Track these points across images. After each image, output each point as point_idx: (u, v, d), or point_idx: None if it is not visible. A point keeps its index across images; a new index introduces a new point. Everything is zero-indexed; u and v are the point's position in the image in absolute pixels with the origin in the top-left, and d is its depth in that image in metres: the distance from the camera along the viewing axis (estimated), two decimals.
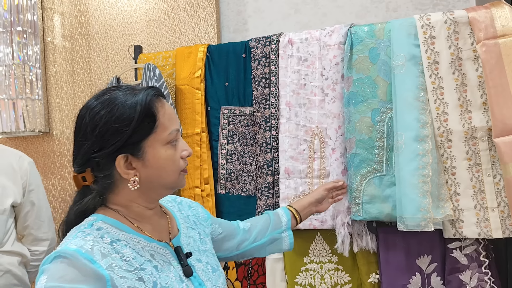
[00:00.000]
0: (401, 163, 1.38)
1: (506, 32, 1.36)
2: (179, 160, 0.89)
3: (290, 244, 1.27)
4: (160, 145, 0.86)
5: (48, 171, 2.37)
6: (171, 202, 1.07)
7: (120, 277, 0.77)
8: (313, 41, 1.60)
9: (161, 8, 2.21)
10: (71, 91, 2.35)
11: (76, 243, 0.77)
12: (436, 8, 1.92)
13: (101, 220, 0.84)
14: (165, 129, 0.86)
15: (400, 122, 1.40)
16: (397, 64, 1.43)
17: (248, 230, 1.21)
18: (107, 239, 0.81)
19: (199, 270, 0.93)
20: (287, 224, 1.26)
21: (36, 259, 1.68)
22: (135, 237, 0.86)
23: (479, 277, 1.41)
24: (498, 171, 1.36)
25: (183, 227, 0.99)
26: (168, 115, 0.88)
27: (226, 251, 1.16)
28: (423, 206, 1.34)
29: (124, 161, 0.84)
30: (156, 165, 0.86)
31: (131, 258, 0.81)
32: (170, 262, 0.88)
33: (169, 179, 0.88)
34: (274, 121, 1.63)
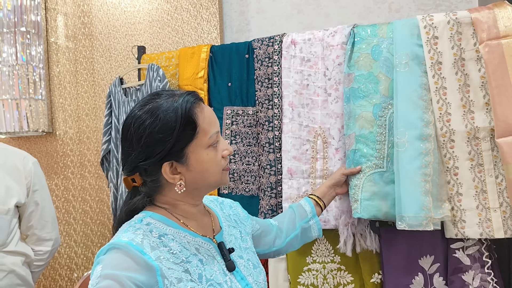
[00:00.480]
0: (404, 161, 1.37)
1: (509, 33, 1.36)
2: (221, 160, 0.93)
3: (318, 230, 1.31)
4: (202, 149, 0.90)
5: (51, 171, 2.38)
6: (213, 202, 1.12)
7: (168, 268, 0.82)
8: (316, 41, 1.60)
9: (164, 9, 2.22)
10: (74, 91, 2.36)
11: (127, 236, 0.83)
12: (438, 8, 1.92)
13: (149, 216, 0.90)
14: (205, 133, 0.90)
15: (403, 120, 1.40)
16: (400, 62, 1.43)
17: (279, 227, 1.26)
18: (155, 233, 0.86)
19: (241, 265, 0.97)
20: (312, 212, 1.31)
21: (40, 259, 1.69)
22: (181, 232, 0.91)
23: (482, 277, 1.41)
24: (500, 172, 1.36)
25: (225, 225, 1.04)
26: (208, 118, 0.91)
27: (264, 246, 1.22)
28: (425, 205, 1.33)
29: (169, 167, 0.89)
30: (199, 168, 0.90)
31: (178, 251, 0.86)
32: (214, 257, 0.93)
33: (212, 179, 0.93)
34: (277, 121, 1.63)
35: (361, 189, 1.43)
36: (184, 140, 0.88)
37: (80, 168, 2.35)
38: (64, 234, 2.36)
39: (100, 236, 2.32)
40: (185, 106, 0.87)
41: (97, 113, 2.32)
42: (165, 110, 0.87)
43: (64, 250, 2.36)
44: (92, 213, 2.34)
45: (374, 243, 1.51)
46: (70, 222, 2.36)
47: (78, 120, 2.35)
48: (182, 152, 0.88)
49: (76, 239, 2.35)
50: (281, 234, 1.25)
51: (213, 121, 0.92)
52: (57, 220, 1.80)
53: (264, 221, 1.24)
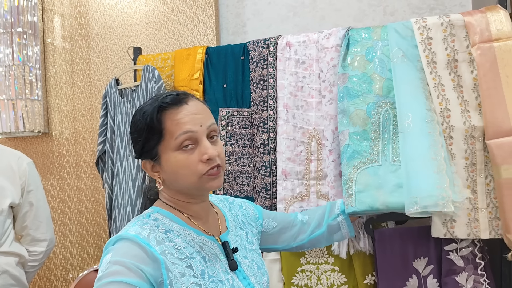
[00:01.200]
0: (411, 142, 1.34)
1: (501, 36, 1.37)
2: (197, 164, 0.90)
3: (348, 227, 1.30)
4: (171, 151, 0.90)
5: (47, 172, 2.38)
6: (223, 201, 1.13)
7: (172, 263, 0.85)
8: (311, 43, 1.61)
9: (161, 10, 2.23)
10: (71, 92, 2.36)
11: (135, 230, 0.87)
12: (432, 12, 1.93)
13: (157, 212, 0.94)
14: (172, 136, 0.90)
15: (405, 105, 1.38)
16: (397, 56, 1.44)
17: (307, 222, 1.27)
18: (162, 229, 0.90)
19: (245, 265, 0.99)
20: (340, 208, 1.31)
21: (34, 259, 1.69)
22: (186, 229, 0.93)
23: (475, 279, 1.42)
24: (490, 172, 1.37)
25: (232, 226, 1.06)
26: (177, 120, 0.90)
27: (283, 243, 1.23)
28: (440, 184, 1.25)
29: (150, 164, 0.94)
30: (169, 170, 0.92)
31: (182, 247, 0.89)
32: (217, 255, 0.95)
33: (185, 182, 0.92)
34: (272, 123, 1.64)
35: (355, 182, 1.40)
36: (152, 141, 0.91)
37: (75, 168, 2.35)
38: (60, 235, 2.36)
39: (95, 237, 2.32)
40: (151, 109, 0.91)
41: (93, 114, 2.33)
42: (140, 112, 0.93)
43: (59, 250, 2.36)
44: (88, 214, 2.34)
45: (367, 244, 1.52)
46: (65, 222, 2.36)
47: (74, 120, 2.35)
48: (153, 152, 0.92)
49: (72, 239, 2.35)
50: (307, 229, 1.26)
51: (183, 122, 0.90)
52: (52, 221, 1.80)
53: (285, 217, 1.26)
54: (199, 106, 0.94)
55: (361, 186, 1.38)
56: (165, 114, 0.90)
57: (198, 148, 0.90)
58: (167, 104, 0.91)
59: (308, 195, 1.58)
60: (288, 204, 1.58)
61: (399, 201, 1.33)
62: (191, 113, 0.91)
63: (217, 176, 0.92)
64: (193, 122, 0.90)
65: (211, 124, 0.93)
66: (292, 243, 1.24)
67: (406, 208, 1.28)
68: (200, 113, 0.93)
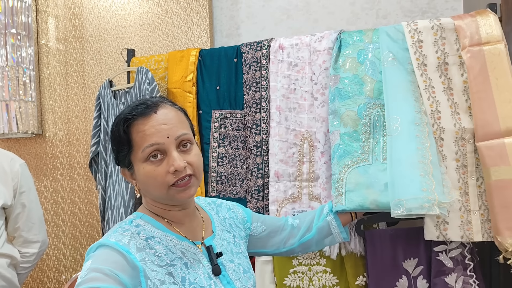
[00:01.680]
0: (398, 145, 1.35)
1: (490, 40, 1.39)
2: (165, 175, 0.89)
3: (338, 226, 1.27)
4: (139, 162, 0.90)
5: (41, 173, 2.38)
6: (210, 204, 1.12)
7: (151, 270, 0.84)
8: (303, 46, 1.62)
9: (155, 12, 2.23)
10: (65, 94, 2.36)
11: (115, 237, 0.86)
12: (425, 15, 1.95)
13: (140, 217, 0.94)
14: (138, 147, 0.89)
15: (394, 108, 1.39)
16: (387, 59, 1.45)
17: (297, 226, 1.25)
18: (143, 235, 0.89)
19: (230, 270, 0.98)
20: (328, 207, 1.30)
21: (27, 261, 1.69)
22: (168, 235, 0.93)
23: (464, 279, 1.43)
24: (481, 174, 1.38)
25: (218, 229, 1.05)
26: (142, 132, 0.89)
27: (272, 247, 1.22)
28: (425, 187, 1.25)
29: (127, 172, 0.95)
30: (140, 179, 0.92)
31: (163, 254, 0.89)
32: (200, 260, 0.94)
33: (155, 193, 0.92)
34: (265, 124, 1.65)
35: (345, 181, 1.39)
36: (123, 151, 0.91)
37: (69, 170, 2.35)
38: (53, 236, 2.35)
39: (88, 238, 2.32)
40: (119, 120, 0.92)
41: (87, 115, 2.33)
42: (114, 120, 0.95)
43: (52, 252, 2.35)
44: (81, 215, 2.33)
45: (358, 246, 1.53)
46: (58, 224, 2.36)
47: (68, 122, 2.35)
48: (127, 162, 0.92)
49: (65, 241, 2.35)
50: (297, 233, 1.24)
51: (148, 134, 0.88)
52: (45, 222, 1.80)
53: (275, 220, 1.24)
54: (169, 115, 0.92)
55: (352, 185, 1.38)
56: (132, 125, 0.90)
57: (166, 159, 0.89)
58: (133, 116, 0.90)
59: (300, 197, 1.59)
60: (281, 206, 1.59)
61: (388, 200, 1.33)
62: (158, 124, 0.89)
63: (187, 187, 0.91)
64: (160, 133, 0.89)
65: (181, 134, 0.91)
66: (282, 248, 1.23)
67: (391, 210, 1.28)
68: (169, 123, 0.90)
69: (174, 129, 0.90)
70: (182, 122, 0.94)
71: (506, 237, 1.29)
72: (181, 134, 0.91)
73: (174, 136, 0.90)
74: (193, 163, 0.92)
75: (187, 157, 0.91)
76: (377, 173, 1.38)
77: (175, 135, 0.90)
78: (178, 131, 0.91)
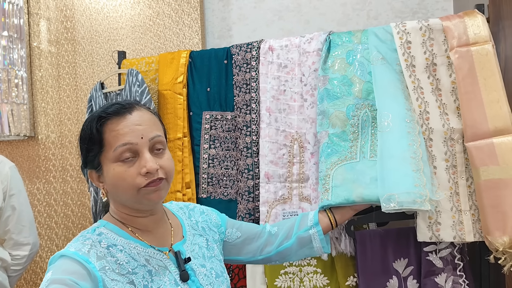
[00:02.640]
0: (390, 141, 1.34)
1: (478, 40, 1.39)
2: (135, 177, 0.87)
3: (321, 241, 1.22)
4: (110, 162, 0.89)
5: (33, 175, 2.38)
6: (182, 209, 1.10)
7: (111, 279, 0.83)
8: (293, 48, 1.63)
9: (147, 14, 2.23)
10: (57, 96, 2.36)
11: (75, 246, 0.85)
12: (415, 16, 1.96)
13: (103, 226, 0.92)
14: (110, 147, 0.88)
15: (385, 105, 1.39)
16: (377, 59, 1.45)
17: (275, 234, 1.22)
18: (104, 244, 0.88)
19: (201, 274, 0.96)
20: (313, 220, 1.23)
21: (17, 263, 1.69)
22: (132, 243, 0.91)
23: (454, 279, 1.43)
24: (471, 174, 1.38)
25: (190, 234, 1.03)
26: (116, 131, 0.88)
27: (248, 255, 1.19)
28: (418, 182, 1.25)
29: (95, 175, 0.93)
30: (109, 181, 0.90)
31: (125, 262, 0.87)
32: (166, 267, 0.92)
33: (124, 196, 0.90)
34: (255, 126, 1.65)
35: (332, 178, 1.38)
36: (94, 151, 0.90)
37: (62, 172, 2.35)
38: (46, 239, 2.35)
39: None
40: (90, 120, 0.91)
41: (79, 118, 2.33)
42: (86, 120, 0.93)
43: (45, 254, 2.35)
44: (74, 217, 2.33)
45: (349, 246, 1.53)
46: (51, 226, 2.36)
47: (60, 124, 2.35)
48: (96, 162, 0.91)
49: (58, 243, 2.34)
50: (274, 241, 1.21)
51: (121, 134, 0.87)
52: (36, 225, 1.80)
53: (251, 227, 1.21)
54: (144, 117, 0.91)
55: (338, 181, 1.37)
56: (105, 124, 0.89)
57: (138, 161, 0.88)
58: (108, 114, 0.89)
59: (290, 198, 1.59)
60: (271, 207, 1.59)
61: (374, 193, 1.31)
62: (132, 124, 0.88)
63: (157, 188, 0.89)
64: (134, 133, 0.88)
65: (154, 136, 0.90)
66: (258, 256, 1.19)
67: (382, 205, 1.26)
68: (143, 124, 0.90)
69: (148, 130, 0.90)
70: (156, 125, 0.94)
71: (496, 237, 1.29)
72: (155, 135, 0.90)
73: (148, 137, 0.89)
74: (165, 167, 0.91)
75: (160, 161, 0.90)
76: (364, 169, 1.38)
77: (149, 136, 0.89)
78: (152, 133, 0.90)
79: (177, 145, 1.73)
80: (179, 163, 1.72)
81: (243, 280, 1.69)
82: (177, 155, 1.72)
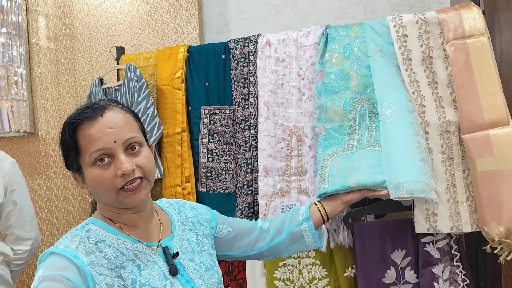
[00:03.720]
0: (394, 130, 1.35)
1: (474, 33, 1.40)
2: (112, 179, 0.88)
3: (312, 236, 1.21)
4: (87, 166, 0.89)
5: (34, 171, 2.39)
6: (172, 205, 1.12)
7: (99, 274, 0.84)
8: (290, 42, 1.64)
9: (144, 10, 2.24)
10: (56, 92, 2.37)
11: (64, 243, 0.87)
12: (412, 9, 1.96)
13: (92, 223, 0.94)
14: (85, 152, 0.88)
15: (386, 96, 1.39)
16: (375, 51, 1.46)
17: (266, 229, 1.22)
18: (92, 240, 0.89)
19: (190, 268, 0.98)
20: (305, 215, 1.23)
21: (19, 258, 1.71)
22: (120, 238, 0.93)
23: (451, 270, 1.45)
24: (467, 166, 1.40)
25: (179, 229, 1.04)
26: (89, 137, 0.88)
27: (239, 250, 1.19)
28: (424, 172, 1.27)
29: (78, 177, 0.94)
30: (89, 184, 0.92)
31: (113, 257, 0.88)
32: (155, 262, 0.93)
33: (104, 197, 0.91)
34: (253, 120, 1.66)
35: (329, 167, 1.40)
36: (71, 156, 0.91)
37: (62, 168, 2.36)
38: (47, 234, 2.37)
39: None
40: (65, 125, 0.92)
41: None
42: (63, 125, 0.94)
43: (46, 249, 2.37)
44: (75, 213, 2.35)
45: (347, 238, 1.55)
46: (53, 221, 2.37)
47: (60, 120, 2.36)
48: (75, 166, 0.92)
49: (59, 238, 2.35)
50: (266, 236, 1.21)
51: (94, 139, 0.88)
52: (37, 220, 1.81)
53: (243, 223, 1.22)
54: (116, 118, 0.91)
55: (335, 170, 1.38)
56: (78, 129, 0.89)
57: (114, 163, 0.88)
58: (79, 119, 0.89)
59: (289, 191, 1.61)
60: (270, 200, 1.61)
61: (369, 177, 1.30)
62: (104, 127, 0.88)
63: (136, 191, 0.90)
64: (106, 138, 0.88)
65: (128, 138, 0.90)
66: (250, 251, 1.20)
67: (391, 192, 1.25)
68: (115, 126, 0.89)
69: (121, 133, 0.90)
70: (130, 125, 0.93)
71: (492, 228, 1.31)
72: (129, 138, 0.90)
73: (121, 140, 0.89)
74: (142, 165, 0.91)
75: (136, 160, 0.90)
76: (360, 157, 1.39)
77: (122, 139, 0.89)
78: (126, 135, 0.90)
79: (176, 140, 1.75)
80: (178, 158, 1.74)
81: (243, 273, 1.71)
82: (176, 150, 1.74)
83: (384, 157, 1.34)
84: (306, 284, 1.60)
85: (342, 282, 1.57)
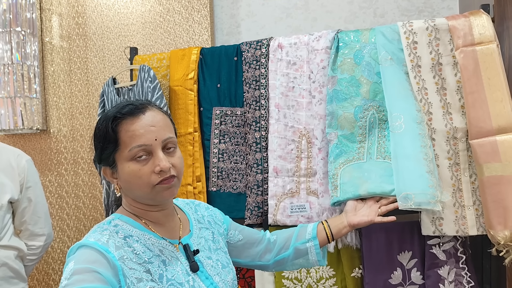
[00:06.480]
0: (404, 142, 1.38)
1: (483, 40, 1.42)
2: (149, 175, 0.92)
3: (317, 255, 1.24)
4: (125, 161, 0.92)
5: (45, 168, 2.43)
6: (188, 204, 1.15)
7: (129, 268, 0.87)
8: (302, 45, 1.66)
9: (157, 11, 2.27)
10: (68, 90, 2.41)
11: (94, 237, 0.89)
12: (421, 14, 1.99)
13: (118, 218, 0.96)
14: (126, 147, 0.92)
15: (395, 106, 1.43)
16: (385, 59, 1.49)
17: (273, 242, 1.25)
18: (121, 234, 0.92)
19: (208, 266, 1.01)
20: (312, 234, 1.25)
21: (33, 253, 1.74)
22: (146, 234, 0.96)
23: (457, 272, 1.48)
24: (474, 171, 1.43)
25: (196, 228, 1.08)
26: (131, 132, 0.92)
27: (247, 258, 1.23)
28: (431, 184, 1.31)
29: (109, 170, 0.97)
30: (123, 178, 0.94)
31: (141, 252, 0.91)
32: (177, 258, 0.97)
33: (138, 192, 0.94)
34: (264, 122, 1.69)
35: (340, 176, 1.45)
36: (109, 149, 0.93)
37: (73, 165, 2.40)
38: (58, 230, 2.41)
39: None
40: (106, 119, 0.94)
41: (90, 112, 2.37)
42: (101, 119, 0.96)
43: (57, 245, 2.41)
44: (85, 209, 2.39)
45: (354, 239, 1.58)
46: (63, 217, 2.41)
47: (72, 118, 2.40)
48: (110, 160, 0.94)
49: (69, 234, 2.40)
50: (273, 249, 1.25)
51: (137, 135, 0.91)
52: (50, 216, 1.85)
53: (253, 232, 1.25)
54: (157, 118, 0.95)
55: (346, 179, 1.44)
56: (120, 124, 0.92)
57: (152, 159, 0.92)
58: (123, 114, 0.93)
59: (298, 192, 1.64)
60: (279, 200, 1.64)
61: (379, 186, 1.37)
62: (147, 125, 0.93)
63: (170, 186, 0.94)
64: (148, 135, 0.92)
65: (167, 138, 0.95)
66: (257, 261, 1.24)
67: (399, 202, 1.32)
68: (156, 125, 0.94)
69: (162, 132, 0.94)
70: (168, 126, 0.98)
71: (498, 231, 1.34)
72: (168, 137, 0.95)
73: (161, 138, 0.93)
74: (177, 165, 0.95)
75: (171, 159, 0.94)
76: (370, 168, 1.44)
77: (162, 138, 0.93)
78: (165, 135, 0.95)
79: (188, 140, 1.78)
80: (190, 157, 1.77)
81: (251, 271, 1.74)
82: (188, 150, 1.77)
83: (393, 168, 1.39)
84: (313, 283, 1.63)
85: (349, 282, 1.60)
